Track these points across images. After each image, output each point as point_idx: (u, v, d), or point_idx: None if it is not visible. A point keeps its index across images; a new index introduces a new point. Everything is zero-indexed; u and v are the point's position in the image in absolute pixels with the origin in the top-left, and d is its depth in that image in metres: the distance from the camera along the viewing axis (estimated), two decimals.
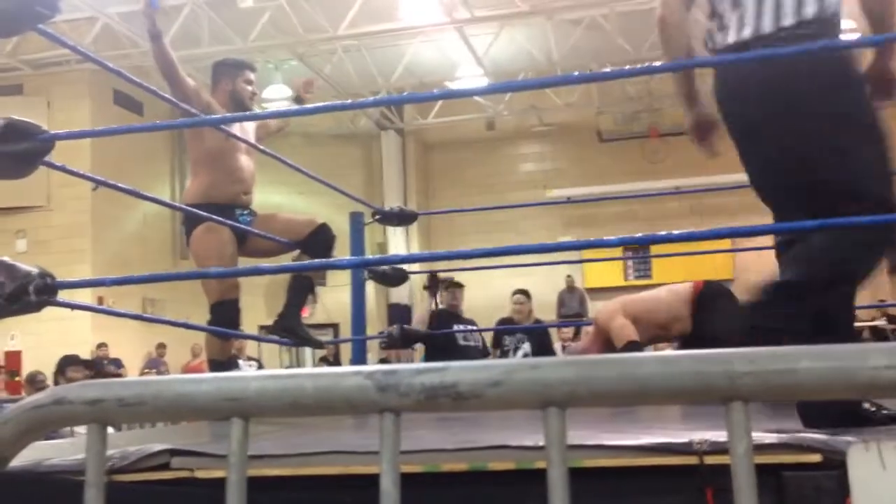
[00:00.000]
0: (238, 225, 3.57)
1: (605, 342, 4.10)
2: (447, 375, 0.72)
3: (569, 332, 9.84)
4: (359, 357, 4.81)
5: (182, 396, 0.77)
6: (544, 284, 12.30)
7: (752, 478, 0.68)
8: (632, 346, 3.92)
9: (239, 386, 0.77)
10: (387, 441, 0.74)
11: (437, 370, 0.73)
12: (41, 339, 11.05)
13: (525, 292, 7.11)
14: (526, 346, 6.70)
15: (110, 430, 5.18)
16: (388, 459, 0.73)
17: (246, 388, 0.77)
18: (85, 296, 9.57)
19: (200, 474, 1.79)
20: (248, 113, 3.89)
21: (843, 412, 1.87)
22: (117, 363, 10.95)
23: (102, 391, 0.78)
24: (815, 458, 1.55)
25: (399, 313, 13.65)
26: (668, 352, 0.73)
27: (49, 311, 2.57)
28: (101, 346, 11.31)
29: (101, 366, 10.35)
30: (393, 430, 0.74)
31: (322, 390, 0.75)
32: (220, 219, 3.48)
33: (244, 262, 3.83)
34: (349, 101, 6.02)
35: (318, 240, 3.77)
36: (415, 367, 0.74)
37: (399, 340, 5.03)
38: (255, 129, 3.91)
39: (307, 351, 14.86)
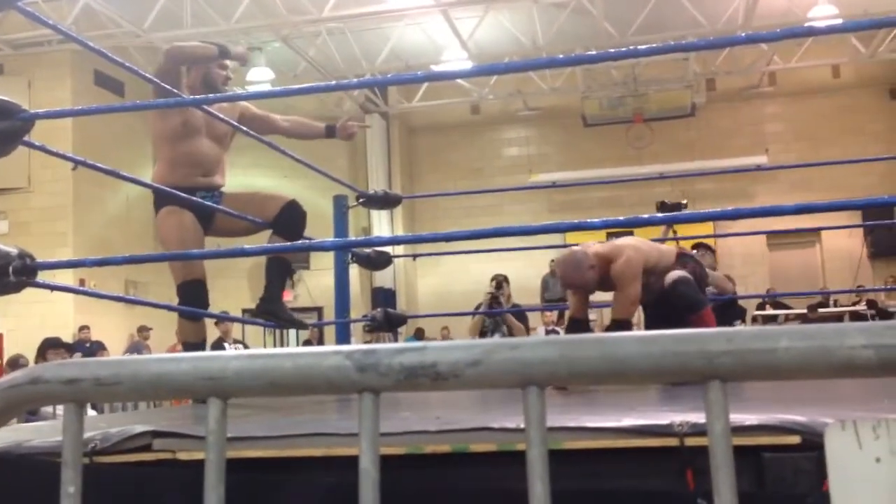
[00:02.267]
0: (201, 202, 3.51)
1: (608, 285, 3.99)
2: (427, 355, 0.72)
3: (552, 315, 9.85)
4: (343, 340, 4.81)
5: (160, 376, 0.77)
6: (529, 269, 12.31)
7: (730, 457, 0.68)
8: (624, 324, 3.89)
9: (218, 365, 0.76)
10: (366, 421, 0.74)
11: (417, 350, 0.73)
12: (23, 322, 10.97)
13: (505, 278, 7.12)
14: (505, 329, 6.74)
15: (93, 412, 5.13)
16: (367, 439, 0.73)
17: (225, 368, 0.76)
18: (66, 278, 9.50)
19: (182, 456, 1.79)
20: (230, 94, 3.85)
21: None
22: (100, 346, 10.89)
23: (79, 371, 0.77)
24: (795, 439, 1.56)
25: (383, 297, 13.66)
26: (647, 332, 0.73)
27: (31, 294, 2.55)
28: (84, 328, 11.24)
29: (84, 349, 10.30)
30: (372, 409, 0.74)
31: (301, 370, 0.75)
32: (182, 199, 3.45)
33: (223, 243, 3.80)
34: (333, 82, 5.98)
35: (286, 217, 3.70)
36: (394, 347, 0.74)
37: (384, 323, 5.03)
38: (235, 115, 3.84)
39: (292, 334, 14.84)
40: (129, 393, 0.78)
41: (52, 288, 2.67)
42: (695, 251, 5.82)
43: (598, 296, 4.21)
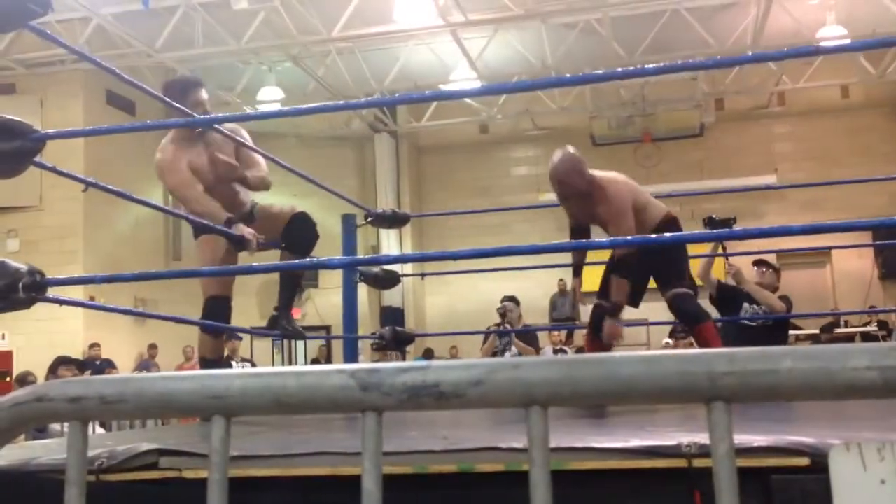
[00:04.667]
0: (228, 232, 3.55)
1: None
2: (429, 375, 0.72)
3: (560, 335, 9.82)
4: (350, 357, 4.81)
5: (164, 394, 0.77)
6: (537, 289, 12.29)
7: (734, 478, 0.68)
8: (626, 264, 3.79)
9: (222, 384, 0.76)
10: (369, 440, 0.74)
11: (420, 369, 0.73)
12: (33, 340, 11.01)
13: (513, 298, 7.11)
14: (514, 349, 6.72)
15: (101, 430, 5.14)
16: (370, 459, 0.73)
17: (229, 387, 0.76)
18: (76, 296, 9.53)
19: (188, 474, 1.79)
20: (238, 114, 3.89)
21: None
22: (109, 364, 10.91)
23: (84, 388, 0.77)
24: (803, 461, 1.55)
25: (392, 316, 13.64)
26: (651, 352, 0.73)
27: (41, 312, 2.56)
28: (94, 346, 11.27)
29: (94, 366, 10.33)
30: (375, 429, 0.74)
31: (305, 389, 0.75)
32: (214, 230, 3.54)
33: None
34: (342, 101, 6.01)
35: (293, 230, 3.78)
36: (397, 366, 0.74)
37: (391, 342, 5.03)
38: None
39: (300, 353, 14.84)
40: (134, 411, 0.78)
41: (61, 303, 2.69)
42: (755, 268, 5.74)
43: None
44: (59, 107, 12.07)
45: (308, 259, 3.80)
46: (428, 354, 13.18)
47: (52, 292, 2.54)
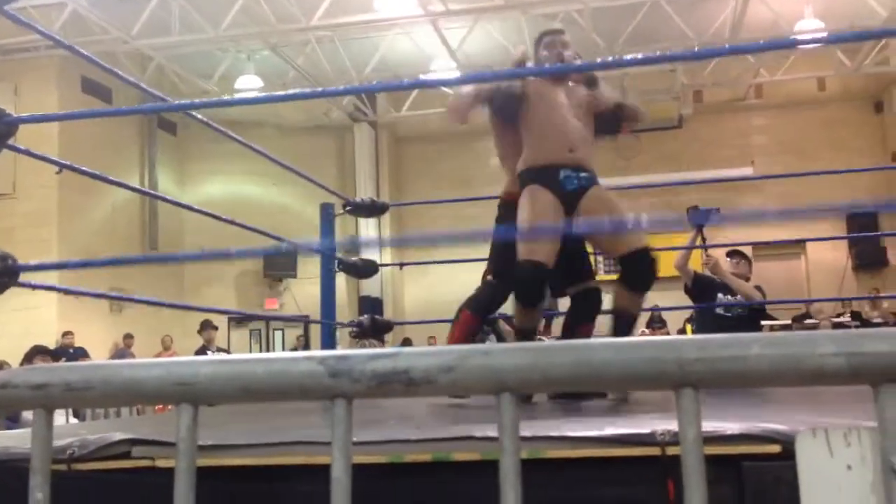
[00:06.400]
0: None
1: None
2: (400, 361, 0.72)
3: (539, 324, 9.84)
4: (328, 345, 4.80)
5: (131, 381, 0.76)
6: None
7: (702, 464, 0.68)
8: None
9: (190, 371, 0.76)
10: (339, 427, 0.73)
11: (390, 356, 0.72)
12: (6, 330, 10.88)
13: None
14: (492, 337, 6.72)
15: (74, 419, 5.09)
16: (339, 447, 0.73)
17: (197, 374, 0.75)
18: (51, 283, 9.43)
19: (161, 463, 1.77)
20: (216, 100, 3.84)
21: None
22: (82, 353, 10.81)
23: (49, 375, 0.76)
24: (775, 448, 1.56)
25: (370, 305, 13.63)
26: (621, 339, 0.73)
27: (15, 301, 2.53)
28: (67, 334, 11.16)
29: (67, 355, 10.23)
30: (345, 416, 0.74)
31: (274, 375, 0.74)
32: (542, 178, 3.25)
33: (206, 246, 3.79)
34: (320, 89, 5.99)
35: (634, 263, 3.26)
36: (367, 353, 0.74)
37: (370, 330, 5.02)
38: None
39: (278, 343, 14.80)
40: (101, 398, 0.77)
41: (35, 287, 2.66)
42: (729, 259, 5.75)
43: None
44: (34, 93, 11.92)
45: (285, 244, 3.73)
46: (406, 344, 13.19)
47: (27, 282, 2.51)
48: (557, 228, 3.22)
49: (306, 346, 12.07)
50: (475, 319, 3.55)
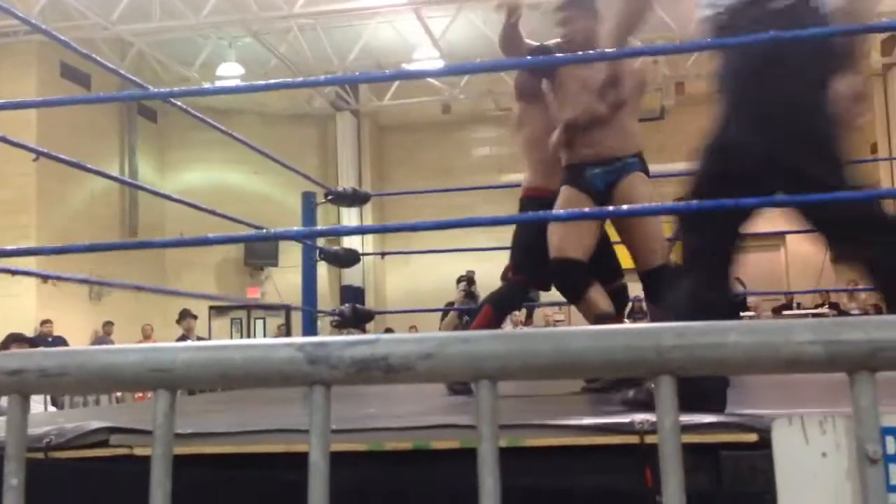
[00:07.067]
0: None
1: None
2: (378, 348, 0.71)
3: (520, 315, 9.88)
4: (309, 332, 4.80)
5: (107, 367, 0.75)
6: (497, 269, 12.31)
7: (679, 452, 0.69)
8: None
9: (166, 357, 0.75)
10: (317, 414, 0.73)
11: (368, 342, 0.72)
12: None
13: (469, 279, 7.15)
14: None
15: (53, 408, 5.05)
16: (317, 433, 0.72)
17: (174, 360, 0.75)
18: (29, 278, 9.35)
19: (139, 451, 1.77)
20: (197, 88, 3.81)
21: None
22: (61, 341, 10.73)
23: (24, 361, 0.75)
24: (752, 437, 1.57)
25: (352, 295, 13.61)
26: (600, 326, 0.73)
27: None
28: (45, 322, 11.07)
29: (45, 343, 10.15)
30: (323, 402, 0.73)
31: (251, 362, 0.74)
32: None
33: (186, 232, 3.75)
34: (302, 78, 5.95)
35: (655, 280, 3.18)
36: (346, 340, 0.73)
37: (351, 318, 5.01)
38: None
39: (259, 331, 14.76)
40: (76, 384, 0.77)
41: (13, 272, 2.63)
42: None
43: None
44: (12, 79, 11.78)
45: (265, 230, 3.68)
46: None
47: (6, 267, 2.48)
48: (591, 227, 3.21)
49: (288, 335, 12.04)
50: (495, 315, 3.57)
